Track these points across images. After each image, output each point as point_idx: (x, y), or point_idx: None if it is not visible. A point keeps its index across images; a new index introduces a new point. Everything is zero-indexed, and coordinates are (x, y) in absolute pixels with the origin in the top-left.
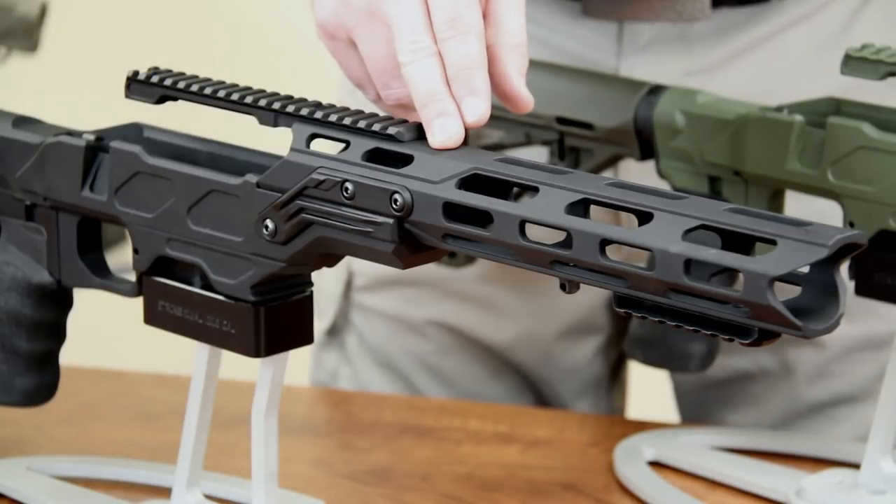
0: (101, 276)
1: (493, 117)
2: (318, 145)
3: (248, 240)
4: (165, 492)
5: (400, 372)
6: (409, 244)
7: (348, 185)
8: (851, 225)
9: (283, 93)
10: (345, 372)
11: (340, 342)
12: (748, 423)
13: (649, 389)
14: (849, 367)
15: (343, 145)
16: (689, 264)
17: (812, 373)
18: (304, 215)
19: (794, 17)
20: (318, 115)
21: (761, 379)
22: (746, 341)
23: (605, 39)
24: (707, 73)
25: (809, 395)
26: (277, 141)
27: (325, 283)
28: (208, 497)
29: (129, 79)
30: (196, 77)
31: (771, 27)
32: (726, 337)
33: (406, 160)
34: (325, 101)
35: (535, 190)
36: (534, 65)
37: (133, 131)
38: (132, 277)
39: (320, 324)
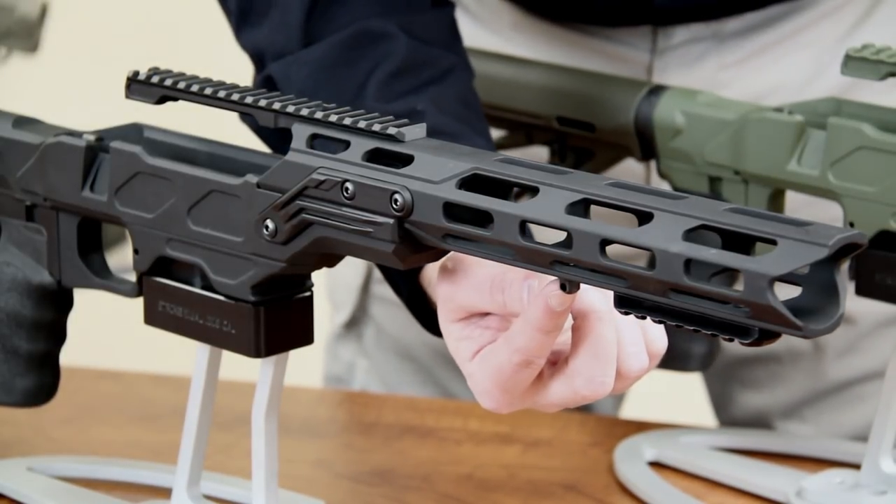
0: (101, 276)
1: (492, 117)
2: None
3: (249, 240)
4: (165, 492)
5: (420, 363)
6: (410, 244)
7: (348, 185)
8: (851, 225)
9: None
10: (362, 364)
11: (358, 335)
12: (774, 401)
13: (649, 389)
14: (877, 344)
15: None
16: (689, 264)
17: (841, 350)
18: (304, 215)
19: (822, 11)
20: (318, 115)
21: (789, 358)
22: (746, 341)
23: (640, 39)
24: (739, 67)
25: (837, 373)
26: None
27: (345, 276)
28: (208, 497)
29: (129, 79)
30: (196, 77)
31: (802, 21)
32: (726, 337)
33: (406, 160)
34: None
35: (536, 190)
36: (534, 65)
37: (133, 131)
38: (132, 277)
39: (338, 317)
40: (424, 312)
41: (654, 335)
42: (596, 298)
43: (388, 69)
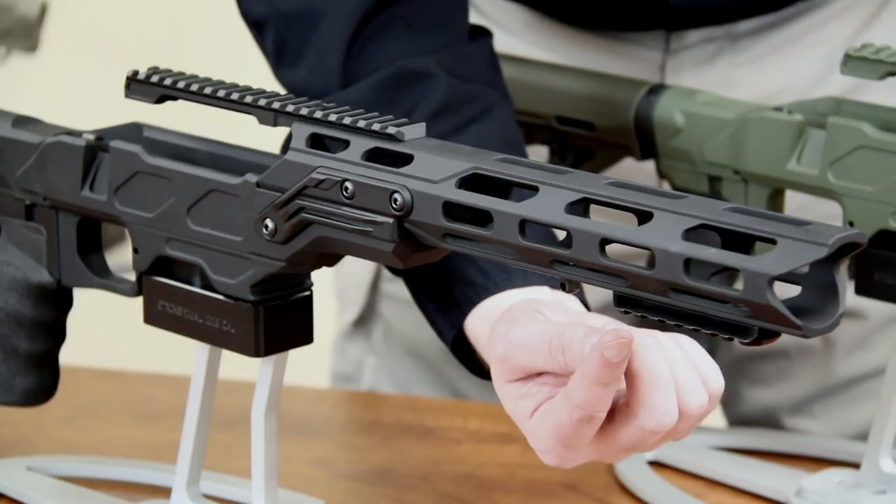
0: (100, 275)
1: None
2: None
3: (248, 239)
4: (165, 492)
5: (429, 361)
6: (409, 243)
7: (348, 184)
8: (851, 225)
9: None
10: (370, 362)
11: (367, 333)
12: (783, 397)
13: None
14: (888, 339)
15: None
16: (688, 263)
17: (851, 345)
18: (303, 215)
19: (834, 10)
20: (318, 114)
21: (798, 353)
22: (746, 340)
23: (653, 39)
24: (751, 66)
25: (847, 368)
26: (277, 141)
27: (354, 274)
28: (208, 497)
29: (128, 78)
30: (196, 77)
31: (814, 20)
32: (726, 336)
33: (406, 160)
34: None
35: (535, 189)
36: (534, 64)
37: (133, 131)
38: (132, 277)
39: (346, 315)
40: (467, 357)
41: (710, 374)
42: (637, 331)
43: (428, 110)
